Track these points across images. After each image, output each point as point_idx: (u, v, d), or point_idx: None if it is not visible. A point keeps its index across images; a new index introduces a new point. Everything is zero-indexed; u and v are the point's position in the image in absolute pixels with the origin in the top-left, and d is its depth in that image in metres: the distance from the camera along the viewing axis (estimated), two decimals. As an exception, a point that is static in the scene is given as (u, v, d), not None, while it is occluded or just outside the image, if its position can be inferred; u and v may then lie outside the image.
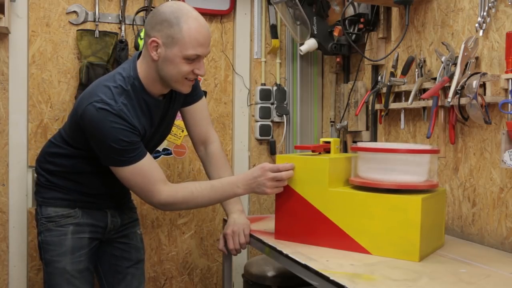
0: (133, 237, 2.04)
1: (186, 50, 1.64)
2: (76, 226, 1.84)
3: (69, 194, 1.85)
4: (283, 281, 2.18)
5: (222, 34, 2.71)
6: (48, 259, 1.83)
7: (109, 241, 1.97)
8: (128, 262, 2.02)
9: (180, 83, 1.72)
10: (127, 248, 2.02)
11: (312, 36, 2.45)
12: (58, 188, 1.85)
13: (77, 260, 1.83)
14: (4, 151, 2.36)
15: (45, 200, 1.86)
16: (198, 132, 2.03)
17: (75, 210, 1.84)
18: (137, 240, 2.06)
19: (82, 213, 1.85)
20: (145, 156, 1.70)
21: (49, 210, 1.84)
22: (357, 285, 1.28)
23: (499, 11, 1.71)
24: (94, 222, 1.87)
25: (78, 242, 1.83)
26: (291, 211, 1.73)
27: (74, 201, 1.85)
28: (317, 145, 1.81)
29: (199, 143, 2.05)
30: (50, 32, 2.43)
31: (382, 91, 2.18)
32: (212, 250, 2.74)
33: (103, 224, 1.91)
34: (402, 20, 2.16)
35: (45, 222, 1.84)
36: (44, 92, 2.43)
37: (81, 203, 1.85)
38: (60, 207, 1.84)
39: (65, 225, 1.83)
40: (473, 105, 1.67)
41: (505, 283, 1.35)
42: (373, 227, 1.56)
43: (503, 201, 1.70)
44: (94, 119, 1.64)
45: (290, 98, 2.81)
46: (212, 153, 2.03)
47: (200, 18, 1.69)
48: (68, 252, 1.82)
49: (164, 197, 1.73)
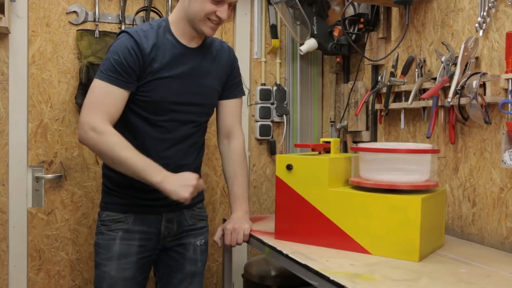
0: (189, 248, 1.95)
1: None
2: (126, 232, 1.83)
3: (124, 198, 1.84)
4: (283, 281, 2.18)
5: (222, 34, 2.71)
6: (98, 262, 1.85)
7: (166, 248, 1.93)
8: (181, 274, 1.96)
9: (202, 22, 1.76)
10: (180, 259, 1.95)
11: (312, 36, 2.45)
12: (115, 192, 1.86)
13: (123, 267, 1.81)
14: (4, 151, 2.36)
15: (103, 205, 1.89)
16: (225, 124, 2.02)
17: (126, 215, 1.83)
18: (195, 253, 1.97)
19: (134, 219, 1.84)
20: (117, 86, 1.72)
21: (104, 213, 1.86)
22: (357, 285, 1.28)
23: (499, 11, 1.71)
24: (145, 229, 1.85)
25: (125, 249, 1.82)
26: (291, 211, 1.73)
27: (129, 205, 1.84)
28: (317, 143, 1.82)
29: (224, 136, 2.04)
30: (50, 32, 2.43)
31: (382, 91, 2.18)
32: (212, 250, 2.74)
33: (156, 230, 1.87)
34: (402, 20, 2.16)
35: (99, 225, 1.87)
36: (44, 92, 2.43)
37: (136, 207, 1.84)
38: (113, 212, 1.84)
39: (115, 230, 1.83)
40: (473, 105, 1.67)
41: (505, 283, 1.35)
42: (373, 227, 1.56)
43: (503, 201, 1.70)
44: (114, 41, 1.79)
45: (290, 98, 2.81)
46: (233, 149, 2.02)
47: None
48: (115, 258, 1.81)
49: (91, 128, 1.67)
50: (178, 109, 1.84)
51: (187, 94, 1.85)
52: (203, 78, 1.88)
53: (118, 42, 1.76)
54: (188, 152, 1.90)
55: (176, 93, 1.82)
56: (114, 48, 1.75)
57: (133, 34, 1.75)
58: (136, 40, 1.74)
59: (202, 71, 1.88)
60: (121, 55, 1.72)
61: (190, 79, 1.84)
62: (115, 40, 1.80)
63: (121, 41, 1.76)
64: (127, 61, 1.72)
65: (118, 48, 1.74)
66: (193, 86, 1.86)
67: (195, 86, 1.86)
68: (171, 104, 1.82)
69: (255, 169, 2.80)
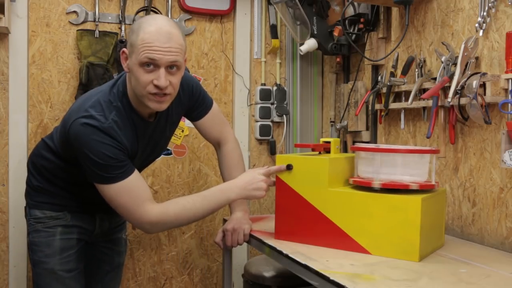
0: (118, 243, 2.03)
1: (139, 55, 1.54)
2: (65, 227, 1.82)
3: (57, 199, 1.83)
4: (283, 281, 2.17)
5: (222, 34, 2.71)
6: (37, 260, 1.82)
7: (94, 243, 1.96)
8: (110, 266, 2.02)
9: (145, 97, 1.59)
10: (110, 252, 2.01)
11: (312, 36, 2.45)
12: (47, 192, 1.83)
13: (66, 261, 1.81)
14: (4, 151, 2.36)
15: (33, 203, 1.85)
16: (212, 137, 2.02)
17: (63, 212, 1.83)
18: (121, 245, 2.05)
19: (72, 216, 1.84)
20: (132, 173, 1.63)
21: (36, 212, 1.83)
22: (357, 285, 1.28)
23: (499, 11, 1.71)
24: (82, 225, 1.86)
25: (66, 243, 1.82)
26: (291, 211, 1.73)
27: (62, 205, 1.83)
28: (317, 143, 1.82)
29: (215, 145, 2.05)
30: (50, 32, 2.43)
31: (382, 91, 2.18)
32: (212, 250, 2.74)
33: (91, 227, 1.89)
34: (402, 20, 2.16)
35: (33, 223, 1.83)
36: (44, 92, 2.43)
37: (69, 208, 1.84)
38: (49, 210, 1.82)
39: (53, 227, 1.82)
40: (473, 105, 1.67)
41: (505, 283, 1.35)
42: (373, 227, 1.56)
43: (503, 201, 1.70)
44: (81, 135, 1.58)
45: (290, 98, 2.81)
46: (225, 154, 2.02)
47: (163, 24, 1.56)
48: (57, 253, 1.80)
49: (154, 216, 1.64)
50: (140, 168, 1.83)
51: (150, 158, 1.90)
52: (164, 136, 1.87)
53: (96, 141, 1.58)
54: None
55: (140, 165, 1.81)
56: (96, 151, 1.58)
57: (107, 131, 1.59)
58: (113, 137, 1.60)
59: (164, 132, 1.84)
60: (111, 154, 1.58)
61: (153, 146, 1.83)
62: (86, 131, 1.58)
63: (98, 140, 1.58)
64: (118, 155, 1.60)
65: (102, 148, 1.57)
66: (156, 149, 1.88)
67: (157, 147, 1.88)
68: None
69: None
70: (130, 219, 1.69)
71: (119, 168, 1.61)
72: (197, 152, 2.69)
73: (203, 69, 2.69)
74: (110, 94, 1.66)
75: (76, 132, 1.59)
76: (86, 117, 1.59)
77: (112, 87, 1.69)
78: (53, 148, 1.81)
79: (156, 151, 1.91)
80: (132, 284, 2.61)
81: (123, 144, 1.62)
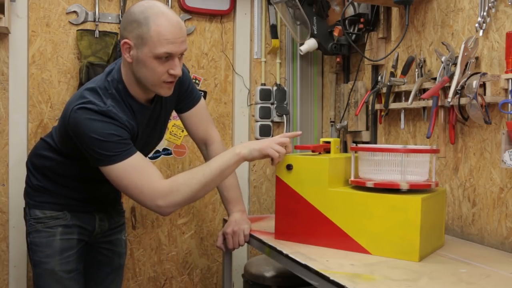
0: (118, 244, 2.02)
1: (155, 49, 1.57)
2: (65, 227, 1.82)
3: (57, 198, 1.83)
4: (283, 281, 2.17)
5: (222, 34, 2.71)
6: (37, 261, 1.82)
7: (94, 244, 1.95)
8: (110, 267, 2.01)
9: (158, 86, 1.65)
10: (110, 254, 2.00)
11: (312, 36, 2.45)
12: (48, 191, 1.83)
13: (66, 261, 1.81)
14: (4, 151, 2.36)
15: (34, 203, 1.85)
16: (198, 134, 2.02)
17: (63, 212, 1.83)
18: (121, 246, 2.05)
19: (71, 216, 1.83)
20: (137, 152, 1.63)
21: (37, 212, 1.83)
22: (357, 285, 1.28)
23: (499, 11, 1.71)
24: (82, 225, 1.86)
25: (66, 243, 1.82)
26: (291, 211, 1.73)
27: (63, 205, 1.83)
28: (317, 145, 1.81)
29: (201, 143, 2.04)
30: (50, 32, 2.43)
31: (382, 91, 2.18)
32: (212, 250, 2.74)
33: (91, 227, 1.89)
34: (402, 20, 2.16)
35: (33, 223, 1.83)
36: (44, 92, 2.43)
37: (70, 207, 1.84)
38: (49, 210, 1.82)
39: (54, 227, 1.81)
40: (473, 105, 1.67)
41: (505, 283, 1.35)
42: (373, 227, 1.56)
43: (503, 201, 1.70)
44: (81, 118, 1.58)
45: (290, 98, 2.81)
46: (212, 153, 2.01)
47: (170, 15, 1.60)
48: (57, 253, 1.80)
49: (165, 186, 1.61)
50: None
51: (148, 145, 1.89)
52: (160, 121, 1.87)
53: (97, 121, 1.59)
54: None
55: (141, 148, 1.78)
56: (99, 130, 1.59)
57: (107, 113, 1.60)
58: (114, 118, 1.62)
59: (160, 117, 1.85)
60: (114, 132, 1.59)
61: (150, 131, 1.83)
62: (87, 114, 1.59)
63: (99, 120, 1.59)
64: (121, 133, 1.61)
65: (104, 128, 1.59)
66: (153, 135, 1.87)
67: (154, 133, 1.87)
68: None
69: (255, 169, 2.80)
70: (141, 198, 1.63)
71: (123, 146, 1.60)
72: (197, 152, 2.69)
73: (203, 69, 2.69)
74: (105, 82, 1.68)
75: (76, 117, 1.60)
76: (84, 103, 1.60)
77: (107, 76, 1.70)
78: (52, 145, 1.82)
79: (154, 137, 1.90)
80: (132, 284, 2.61)
81: (124, 123, 1.63)
